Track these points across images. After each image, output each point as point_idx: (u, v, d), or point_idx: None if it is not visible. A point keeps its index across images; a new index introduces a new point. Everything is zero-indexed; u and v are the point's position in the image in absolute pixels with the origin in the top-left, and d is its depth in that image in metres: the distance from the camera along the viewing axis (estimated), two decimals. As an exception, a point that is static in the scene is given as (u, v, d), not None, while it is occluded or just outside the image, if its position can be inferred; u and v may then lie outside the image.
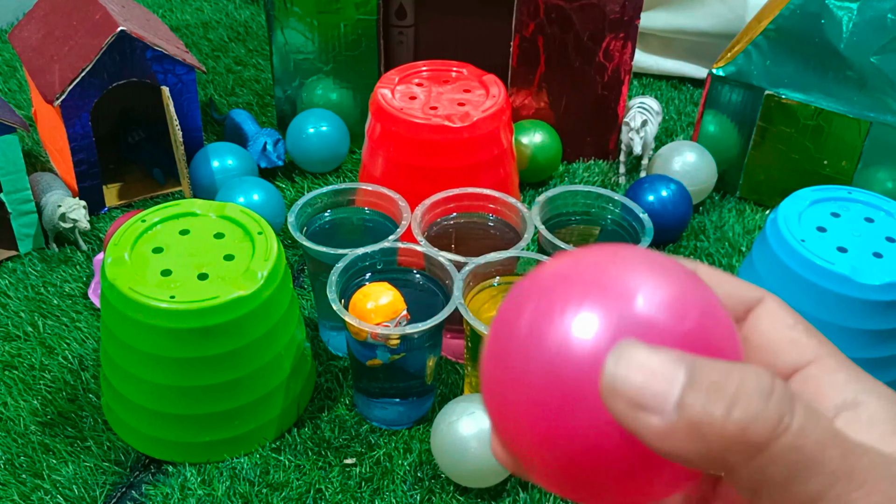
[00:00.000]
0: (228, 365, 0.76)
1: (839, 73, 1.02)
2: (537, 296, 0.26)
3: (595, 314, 0.25)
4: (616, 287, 0.25)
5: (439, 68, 1.02)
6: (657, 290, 0.25)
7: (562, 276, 0.26)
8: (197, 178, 1.06)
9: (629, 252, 0.27)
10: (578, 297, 0.25)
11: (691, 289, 0.26)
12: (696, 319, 0.25)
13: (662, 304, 0.25)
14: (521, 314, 0.26)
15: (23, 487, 0.77)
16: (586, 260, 0.26)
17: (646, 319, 0.25)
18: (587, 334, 0.24)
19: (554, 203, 0.89)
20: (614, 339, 0.24)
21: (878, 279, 0.78)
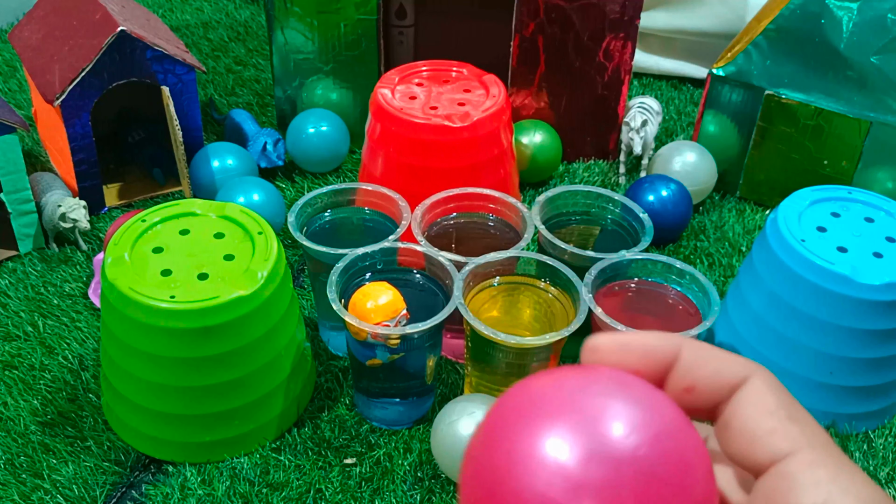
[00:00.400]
0: (228, 365, 0.76)
1: (839, 72, 1.02)
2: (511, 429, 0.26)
3: (562, 451, 0.25)
4: (584, 420, 0.26)
5: (439, 68, 1.02)
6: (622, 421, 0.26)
7: (531, 407, 0.27)
8: (197, 177, 1.06)
9: (598, 380, 0.27)
10: (546, 433, 0.26)
11: (658, 417, 0.26)
12: (650, 447, 0.26)
13: (627, 437, 0.25)
14: (497, 447, 0.26)
15: (23, 487, 0.77)
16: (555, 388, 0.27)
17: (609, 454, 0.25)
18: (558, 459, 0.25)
19: (554, 203, 0.89)
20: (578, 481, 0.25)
21: (879, 279, 0.78)
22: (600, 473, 0.25)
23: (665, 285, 0.82)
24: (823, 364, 0.81)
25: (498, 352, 0.76)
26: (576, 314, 0.76)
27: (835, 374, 0.82)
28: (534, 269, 0.82)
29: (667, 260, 0.81)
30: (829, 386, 0.82)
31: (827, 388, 0.82)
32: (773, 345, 0.83)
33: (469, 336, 0.79)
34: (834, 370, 0.81)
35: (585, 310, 0.76)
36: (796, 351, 0.82)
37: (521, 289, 0.83)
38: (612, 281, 0.81)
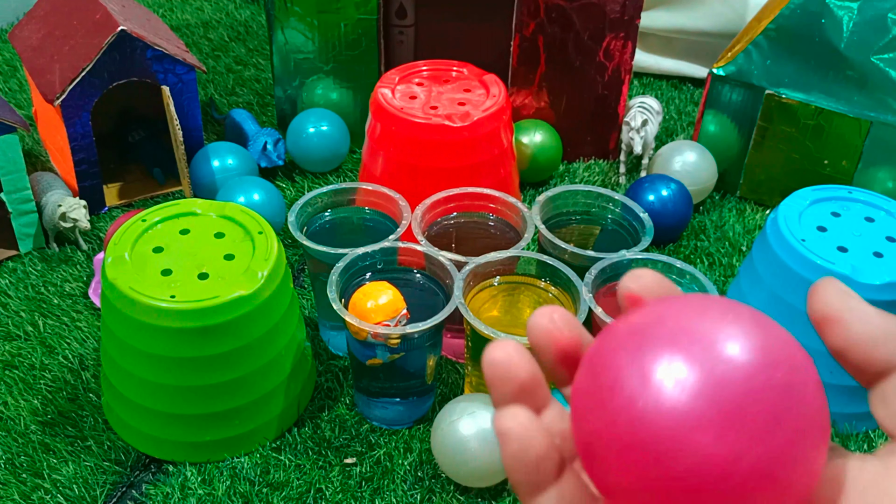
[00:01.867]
0: (229, 364, 0.76)
1: (839, 72, 1.02)
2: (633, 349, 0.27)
3: (684, 369, 0.26)
4: (704, 342, 0.26)
5: (439, 68, 1.02)
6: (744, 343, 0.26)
7: (652, 329, 0.27)
8: (197, 177, 1.06)
9: (718, 305, 0.27)
10: (669, 352, 0.26)
11: (777, 342, 0.27)
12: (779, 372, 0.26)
13: (748, 358, 0.26)
14: (618, 367, 0.27)
15: (23, 487, 0.77)
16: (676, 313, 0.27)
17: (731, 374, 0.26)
18: (678, 392, 0.25)
19: (554, 202, 0.89)
20: (700, 395, 0.25)
21: (879, 279, 0.78)
22: (717, 399, 0.25)
23: (665, 285, 0.82)
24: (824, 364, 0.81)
25: (498, 351, 0.76)
26: (576, 314, 0.76)
27: (835, 373, 0.81)
28: (534, 268, 0.82)
29: (667, 259, 0.81)
30: (830, 385, 0.82)
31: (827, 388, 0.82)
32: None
33: (469, 336, 0.79)
34: (834, 370, 0.81)
35: (585, 309, 0.76)
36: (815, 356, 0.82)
37: (521, 288, 0.83)
38: (613, 281, 0.81)
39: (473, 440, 0.74)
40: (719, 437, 0.25)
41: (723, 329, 0.26)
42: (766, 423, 0.25)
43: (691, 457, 0.25)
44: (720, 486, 0.25)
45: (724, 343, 0.26)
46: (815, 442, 0.26)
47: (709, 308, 0.27)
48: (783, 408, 0.26)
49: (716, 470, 0.25)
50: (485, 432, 0.74)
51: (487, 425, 0.74)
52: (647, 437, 0.25)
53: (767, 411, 0.25)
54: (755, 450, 0.25)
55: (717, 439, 0.25)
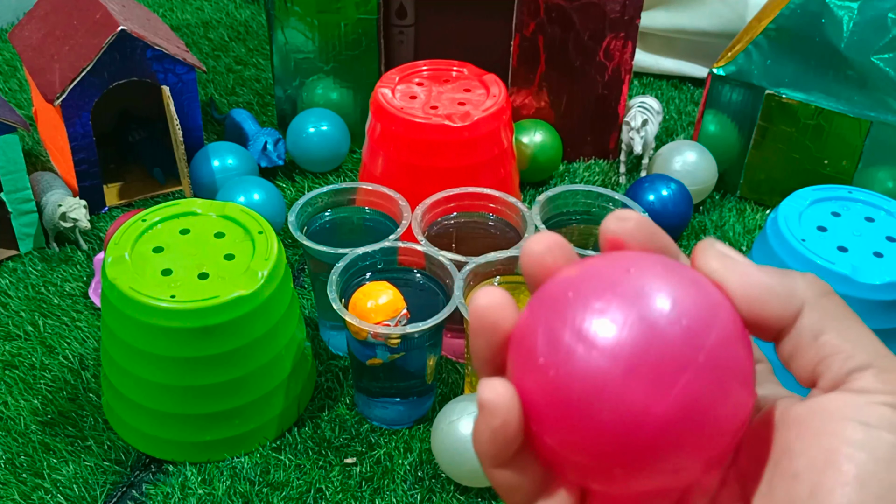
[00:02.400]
0: (229, 364, 0.76)
1: (840, 72, 1.02)
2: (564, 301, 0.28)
3: (612, 318, 0.27)
4: (631, 293, 0.27)
5: (440, 68, 1.02)
6: (669, 295, 0.27)
7: (583, 282, 0.28)
8: (197, 177, 1.06)
9: (646, 259, 0.28)
10: (599, 303, 0.27)
11: (700, 293, 0.27)
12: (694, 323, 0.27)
13: (674, 309, 0.27)
14: (549, 320, 0.28)
15: (23, 487, 0.77)
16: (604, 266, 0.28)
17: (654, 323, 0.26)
18: (608, 337, 0.26)
19: (554, 202, 0.89)
20: (627, 339, 0.26)
21: (879, 279, 0.78)
22: (644, 345, 0.26)
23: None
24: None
25: (498, 351, 0.76)
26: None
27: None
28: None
29: (667, 259, 0.81)
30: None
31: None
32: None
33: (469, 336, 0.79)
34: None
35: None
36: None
37: (521, 288, 0.83)
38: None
39: (473, 440, 0.74)
40: (625, 391, 0.26)
41: (628, 286, 0.27)
42: (675, 369, 0.26)
43: (610, 411, 0.26)
44: (644, 432, 0.26)
45: (630, 297, 0.27)
46: (732, 385, 0.27)
47: (616, 263, 0.28)
48: (685, 352, 0.26)
49: (636, 418, 0.26)
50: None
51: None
52: (563, 403, 0.26)
53: (668, 358, 0.26)
54: (668, 395, 0.26)
55: (623, 394, 0.26)
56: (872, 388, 0.27)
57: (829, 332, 0.28)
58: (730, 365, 0.27)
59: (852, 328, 0.28)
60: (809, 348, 0.28)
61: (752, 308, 0.28)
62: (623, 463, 0.26)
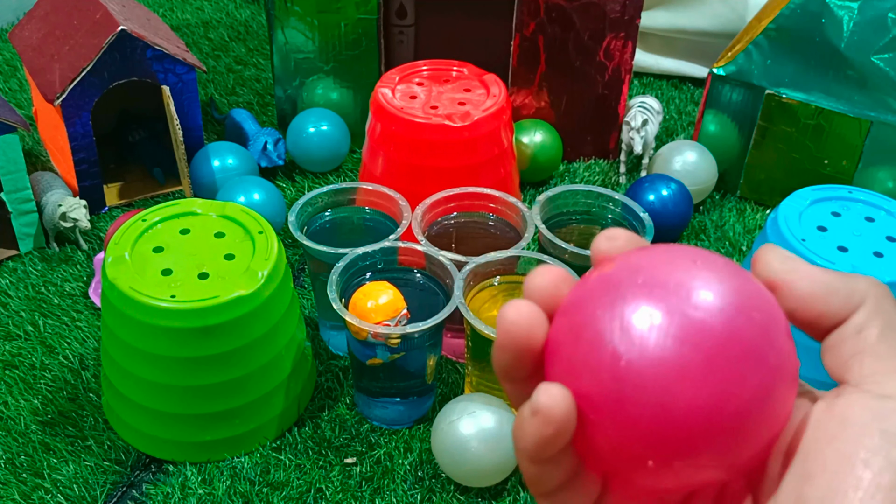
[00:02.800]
0: (229, 364, 0.76)
1: (840, 72, 1.02)
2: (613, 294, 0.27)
3: (656, 313, 0.26)
4: (676, 288, 0.27)
5: (440, 68, 1.02)
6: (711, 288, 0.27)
7: (631, 276, 0.27)
8: (197, 177, 1.06)
9: (693, 253, 0.28)
10: (646, 303, 0.26)
11: (746, 289, 0.27)
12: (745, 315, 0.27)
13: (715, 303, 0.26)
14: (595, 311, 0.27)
15: (23, 486, 0.77)
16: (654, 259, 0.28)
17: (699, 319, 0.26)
18: (649, 333, 0.26)
19: (554, 202, 0.89)
20: (669, 335, 0.26)
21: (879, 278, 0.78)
22: (699, 346, 0.26)
23: (665, 285, 0.82)
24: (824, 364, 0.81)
25: (498, 351, 0.76)
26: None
27: (835, 373, 0.81)
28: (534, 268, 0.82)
29: (667, 259, 0.81)
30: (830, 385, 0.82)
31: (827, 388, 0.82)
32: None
33: (469, 335, 0.79)
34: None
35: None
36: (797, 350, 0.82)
37: (521, 288, 0.83)
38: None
39: (473, 440, 0.74)
40: (704, 382, 0.25)
41: (695, 276, 0.27)
42: (746, 365, 0.26)
43: (681, 404, 0.25)
44: (711, 428, 0.26)
45: (699, 290, 0.26)
46: (789, 380, 0.27)
47: (679, 257, 0.27)
48: (760, 348, 0.26)
49: (706, 413, 0.25)
50: (485, 432, 0.74)
51: (487, 425, 0.74)
52: (636, 391, 0.26)
53: (745, 353, 0.26)
54: (738, 391, 0.26)
55: (702, 384, 0.25)
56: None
57: (872, 328, 0.28)
58: (789, 365, 0.27)
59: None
60: (849, 340, 0.28)
61: (817, 304, 0.28)
62: (681, 454, 0.26)
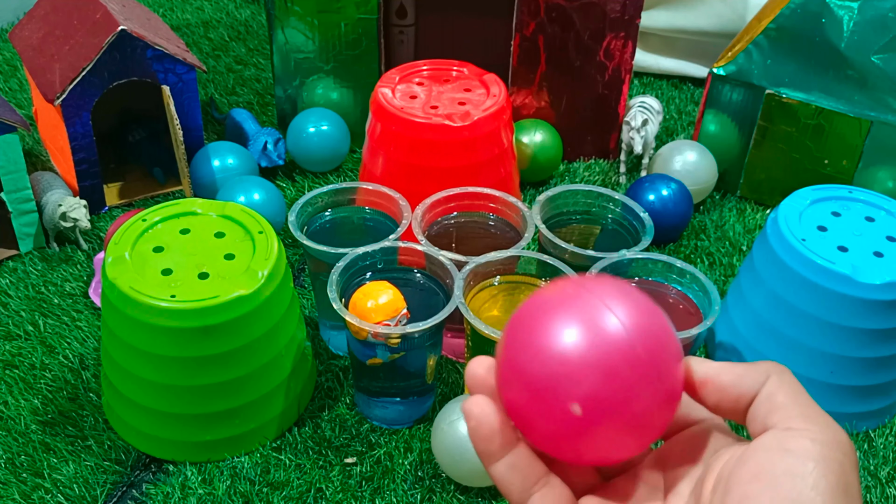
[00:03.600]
0: (229, 364, 0.76)
1: (840, 72, 1.02)
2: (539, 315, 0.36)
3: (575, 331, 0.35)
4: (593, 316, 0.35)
5: (440, 67, 1.02)
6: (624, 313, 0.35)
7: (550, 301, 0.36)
8: (197, 177, 1.06)
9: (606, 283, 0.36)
10: (566, 317, 0.35)
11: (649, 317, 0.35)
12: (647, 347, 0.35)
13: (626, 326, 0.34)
14: (527, 328, 0.36)
15: (23, 486, 0.77)
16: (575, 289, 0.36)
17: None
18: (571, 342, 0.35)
19: (554, 202, 0.89)
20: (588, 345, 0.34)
21: (879, 278, 0.78)
22: (598, 353, 0.34)
23: (666, 284, 0.82)
24: (824, 363, 0.81)
25: (498, 351, 0.76)
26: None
27: (835, 373, 0.82)
28: (534, 268, 0.82)
29: (667, 259, 0.81)
30: (830, 385, 0.82)
31: (827, 388, 0.82)
32: (773, 344, 0.83)
33: (469, 335, 0.79)
34: (834, 369, 0.81)
35: (586, 309, 0.76)
36: (797, 350, 0.82)
37: (521, 288, 0.83)
38: (613, 280, 0.81)
39: (474, 440, 0.74)
40: (601, 382, 0.34)
41: (607, 304, 0.35)
42: (631, 380, 0.34)
43: (581, 390, 0.34)
44: (613, 412, 0.34)
45: (606, 316, 0.34)
46: (665, 399, 0.35)
47: (601, 286, 0.36)
48: (641, 375, 0.34)
49: (603, 402, 0.34)
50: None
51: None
52: (546, 378, 0.34)
53: (630, 374, 0.34)
54: (624, 397, 0.34)
55: (600, 383, 0.34)
56: (800, 427, 0.33)
57: (779, 394, 0.35)
58: (667, 387, 0.35)
59: (800, 395, 0.35)
60: (762, 405, 0.35)
61: (735, 389, 0.35)
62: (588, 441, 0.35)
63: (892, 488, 0.79)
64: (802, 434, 0.32)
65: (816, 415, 0.33)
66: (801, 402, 0.34)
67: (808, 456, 0.31)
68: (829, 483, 0.31)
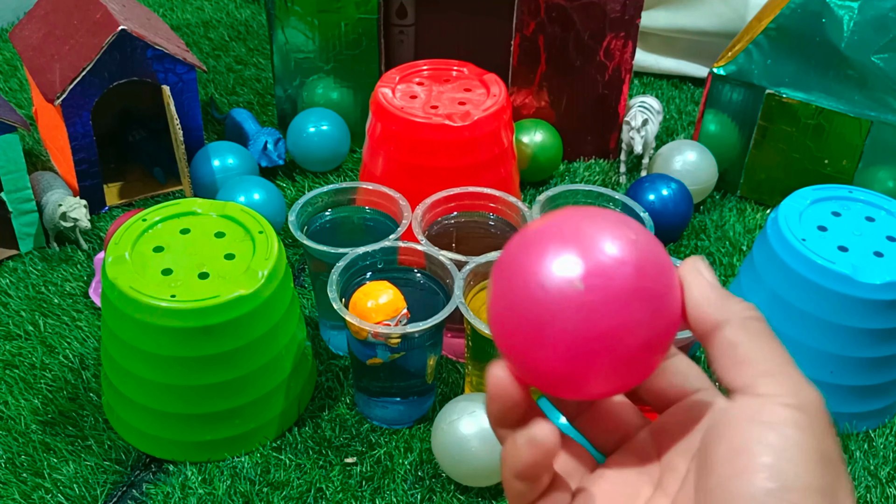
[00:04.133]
0: (229, 364, 0.76)
1: (840, 72, 1.02)
2: (531, 245, 0.35)
3: (569, 259, 0.34)
4: (584, 240, 0.34)
5: (440, 67, 1.02)
6: (614, 242, 0.34)
7: (545, 232, 0.35)
8: (197, 177, 1.06)
9: (598, 212, 0.35)
10: (558, 247, 0.34)
11: (643, 244, 0.34)
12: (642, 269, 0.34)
13: (617, 254, 0.33)
14: (519, 260, 0.35)
15: (24, 486, 0.77)
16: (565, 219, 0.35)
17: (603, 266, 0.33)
18: (564, 272, 0.34)
19: (555, 202, 0.89)
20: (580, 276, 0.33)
21: (879, 278, 0.78)
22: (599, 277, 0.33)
23: (666, 284, 0.82)
24: (824, 363, 0.81)
25: (499, 351, 0.76)
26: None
27: (835, 373, 0.82)
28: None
29: (667, 259, 0.81)
30: (830, 385, 0.82)
31: (827, 388, 0.82)
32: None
33: (470, 335, 0.79)
34: (834, 369, 0.81)
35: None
36: (797, 350, 0.82)
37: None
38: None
39: (474, 440, 0.74)
40: (607, 311, 0.33)
41: (603, 231, 0.34)
42: (638, 305, 0.33)
43: (582, 323, 0.33)
44: (609, 343, 0.33)
45: (602, 243, 0.34)
46: (668, 326, 0.34)
47: (593, 216, 0.35)
48: (642, 300, 0.33)
49: (602, 332, 0.33)
50: (485, 432, 0.74)
51: (487, 425, 0.74)
52: (543, 313, 0.34)
53: (635, 297, 0.33)
54: (631, 320, 0.33)
55: (606, 312, 0.33)
56: (773, 391, 0.32)
57: (744, 345, 0.34)
58: (670, 312, 0.34)
59: (766, 343, 0.34)
60: (726, 356, 0.34)
61: (691, 306, 0.35)
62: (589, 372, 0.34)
63: (892, 488, 0.79)
64: (774, 401, 0.32)
65: (783, 371, 0.33)
66: (766, 355, 0.33)
67: (784, 424, 0.31)
68: (808, 454, 0.31)
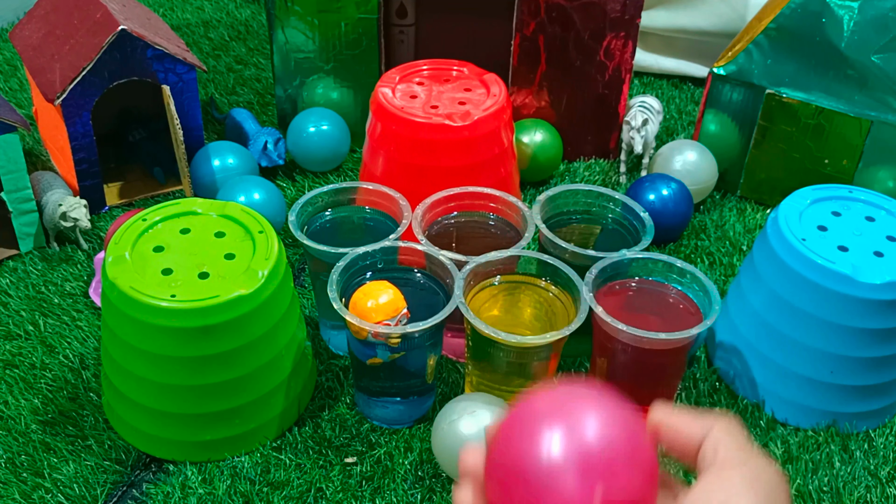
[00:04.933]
0: (229, 364, 0.76)
1: (840, 72, 1.02)
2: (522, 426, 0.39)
3: (556, 445, 0.38)
4: (574, 429, 0.38)
5: (440, 67, 1.02)
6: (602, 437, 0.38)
7: (540, 412, 0.40)
8: (198, 176, 1.06)
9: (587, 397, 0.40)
10: (547, 429, 0.38)
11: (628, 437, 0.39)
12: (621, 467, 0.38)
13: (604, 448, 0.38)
14: (514, 438, 0.39)
15: (24, 486, 0.77)
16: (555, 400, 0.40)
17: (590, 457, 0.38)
18: (553, 457, 0.38)
19: (555, 202, 0.89)
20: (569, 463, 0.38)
21: (879, 278, 0.78)
22: (578, 463, 0.38)
23: (666, 284, 0.82)
24: (824, 363, 0.81)
25: (499, 351, 0.76)
26: (576, 313, 0.76)
27: (835, 373, 0.82)
28: (534, 268, 0.82)
29: (667, 259, 0.81)
30: (830, 385, 0.82)
31: (827, 387, 0.82)
32: (773, 344, 0.83)
33: (470, 335, 0.79)
34: (834, 369, 0.81)
35: (586, 309, 0.76)
36: (797, 350, 0.82)
37: (521, 288, 0.83)
38: (613, 280, 0.81)
39: (474, 440, 0.74)
40: (578, 484, 0.37)
41: (585, 412, 0.39)
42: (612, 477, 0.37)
43: (560, 493, 0.37)
44: None
45: (585, 424, 0.38)
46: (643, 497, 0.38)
47: (577, 397, 0.39)
48: (617, 478, 0.37)
49: None
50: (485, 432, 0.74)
51: (488, 425, 0.74)
52: (527, 481, 0.38)
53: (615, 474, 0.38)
54: None
55: (577, 485, 0.37)
56: (736, 466, 0.38)
57: (723, 446, 0.39)
58: (645, 485, 0.38)
59: (744, 445, 0.39)
60: (710, 455, 0.39)
61: (683, 433, 0.40)
62: None
63: (892, 488, 0.79)
64: (737, 470, 0.38)
65: (753, 459, 0.38)
66: (743, 454, 0.38)
67: (741, 483, 0.37)
68: (758, 497, 0.36)
